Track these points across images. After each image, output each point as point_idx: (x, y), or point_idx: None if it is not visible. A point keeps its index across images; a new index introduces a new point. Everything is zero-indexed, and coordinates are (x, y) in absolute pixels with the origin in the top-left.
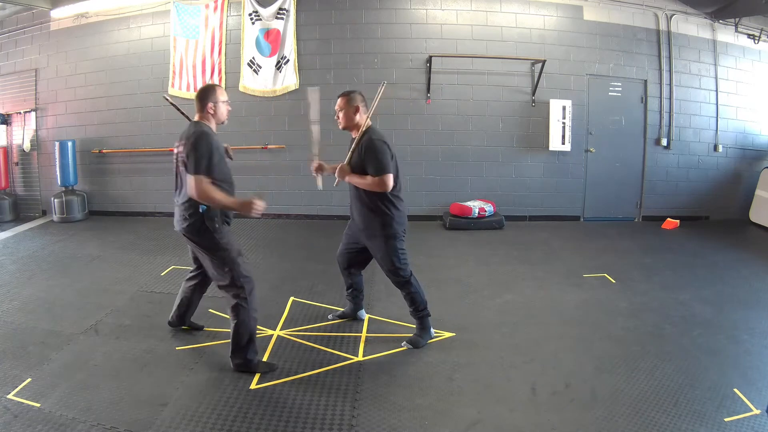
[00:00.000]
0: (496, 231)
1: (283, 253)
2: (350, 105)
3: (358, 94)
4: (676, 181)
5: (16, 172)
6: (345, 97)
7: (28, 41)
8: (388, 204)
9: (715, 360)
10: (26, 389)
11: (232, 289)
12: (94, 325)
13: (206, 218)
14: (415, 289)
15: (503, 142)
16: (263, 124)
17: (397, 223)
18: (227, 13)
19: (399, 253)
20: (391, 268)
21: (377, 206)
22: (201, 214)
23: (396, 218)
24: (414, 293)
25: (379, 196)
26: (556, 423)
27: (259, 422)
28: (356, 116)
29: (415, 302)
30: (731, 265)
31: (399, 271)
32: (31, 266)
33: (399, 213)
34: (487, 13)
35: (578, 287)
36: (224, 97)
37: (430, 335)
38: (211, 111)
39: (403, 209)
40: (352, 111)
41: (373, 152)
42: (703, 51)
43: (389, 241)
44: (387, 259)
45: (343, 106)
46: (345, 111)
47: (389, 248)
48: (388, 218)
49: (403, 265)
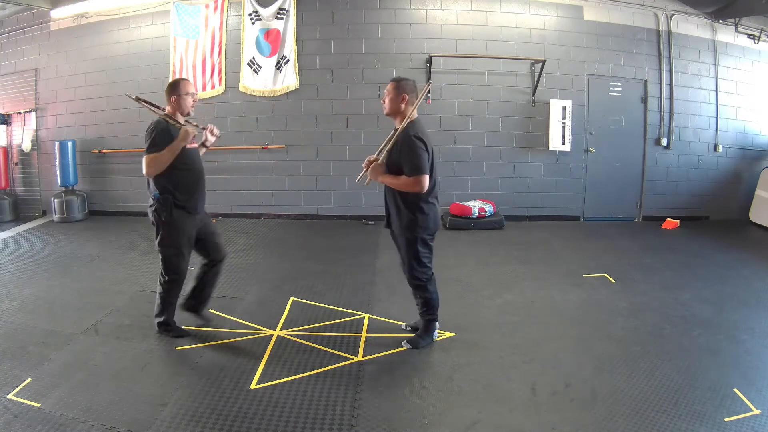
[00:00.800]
0: (496, 231)
1: (283, 253)
2: (398, 92)
3: (410, 83)
4: (676, 181)
5: (16, 172)
6: (394, 82)
7: (28, 41)
8: (415, 205)
9: (715, 360)
10: (26, 389)
11: (163, 270)
12: (94, 325)
13: (159, 204)
14: (430, 294)
15: (503, 142)
16: (263, 124)
17: (421, 227)
18: (227, 13)
19: (420, 255)
20: (410, 270)
21: (405, 206)
22: (156, 201)
23: (420, 222)
24: (428, 298)
25: (409, 196)
26: (556, 423)
27: (259, 422)
28: (402, 105)
29: (426, 305)
30: (731, 265)
31: (416, 273)
32: (31, 266)
33: (425, 217)
34: (487, 13)
35: (578, 287)
36: (188, 89)
37: (431, 339)
38: (174, 104)
39: (431, 212)
40: (399, 98)
41: (409, 150)
42: (703, 51)
43: (411, 244)
44: (407, 260)
45: (390, 92)
46: (392, 97)
47: (410, 250)
48: (412, 220)
49: (422, 269)
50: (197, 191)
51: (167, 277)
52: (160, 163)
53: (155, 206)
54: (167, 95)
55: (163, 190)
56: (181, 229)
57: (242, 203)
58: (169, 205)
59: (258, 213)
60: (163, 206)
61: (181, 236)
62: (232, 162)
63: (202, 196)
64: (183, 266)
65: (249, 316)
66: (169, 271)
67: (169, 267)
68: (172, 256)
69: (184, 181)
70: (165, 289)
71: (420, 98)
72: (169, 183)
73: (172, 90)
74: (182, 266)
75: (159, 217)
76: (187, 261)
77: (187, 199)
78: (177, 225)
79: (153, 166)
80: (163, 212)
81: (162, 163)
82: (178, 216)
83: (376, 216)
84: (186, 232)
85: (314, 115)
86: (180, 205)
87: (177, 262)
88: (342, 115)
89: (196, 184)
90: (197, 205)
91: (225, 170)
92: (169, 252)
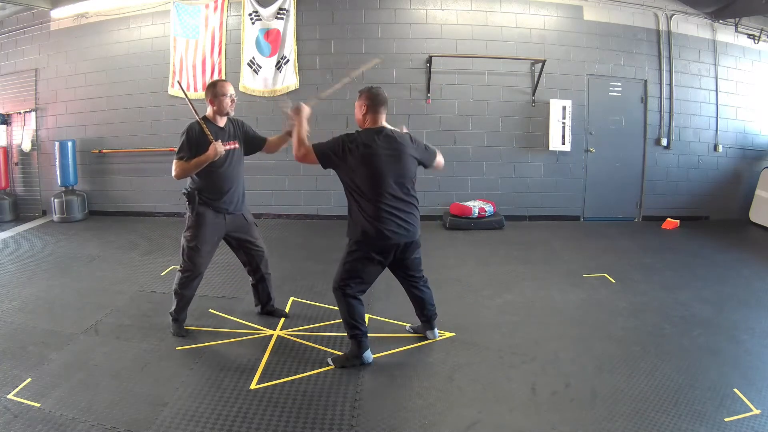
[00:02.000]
0: (496, 231)
1: (283, 253)
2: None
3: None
4: (676, 181)
5: (16, 172)
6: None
7: (28, 41)
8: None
9: (715, 360)
10: (26, 389)
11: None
12: (94, 325)
13: (187, 199)
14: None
15: (503, 142)
16: (263, 124)
17: (350, 235)
18: (227, 13)
19: (343, 262)
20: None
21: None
22: (185, 195)
23: (350, 229)
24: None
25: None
26: (556, 423)
27: (259, 422)
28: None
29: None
30: (731, 265)
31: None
32: (31, 266)
33: (355, 226)
34: (487, 13)
35: (578, 287)
36: (225, 90)
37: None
38: (212, 104)
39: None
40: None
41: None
42: (703, 51)
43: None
44: None
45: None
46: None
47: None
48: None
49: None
50: (227, 192)
51: (181, 266)
52: (187, 172)
53: (186, 199)
54: (206, 97)
55: (192, 184)
56: (204, 225)
57: None
58: (194, 199)
59: (258, 213)
60: (189, 200)
61: (202, 233)
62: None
63: (234, 196)
64: (199, 262)
65: (249, 316)
66: (184, 261)
67: (184, 257)
68: (190, 249)
69: (212, 181)
70: (178, 277)
71: (363, 69)
72: (198, 180)
73: (211, 90)
74: (198, 262)
75: (187, 209)
76: (206, 259)
77: (214, 199)
78: (201, 221)
79: (180, 173)
80: (189, 206)
81: (188, 172)
82: (202, 212)
83: None
84: (209, 230)
85: (314, 115)
86: (206, 202)
87: (193, 257)
88: (342, 115)
89: (226, 184)
90: (226, 205)
91: None
92: (187, 243)
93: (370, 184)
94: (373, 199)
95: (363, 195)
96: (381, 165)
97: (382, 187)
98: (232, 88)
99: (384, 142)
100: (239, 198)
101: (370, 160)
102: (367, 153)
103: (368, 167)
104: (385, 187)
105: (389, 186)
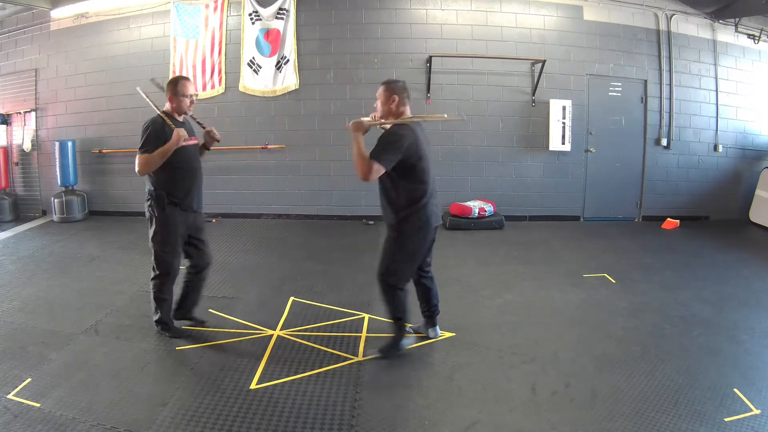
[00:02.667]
0: (496, 231)
1: (283, 253)
2: (387, 94)
3: (399, 84)
4: (676, 181)
5: (16, 172)
6: (384, 85)
7: (28, 41)
8: (401, 206)
9: (715, 360)
10: (26, 389)
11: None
12: (94, 325)
13: (152, 200)
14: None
15: (503, 142)
16: (263, 124)
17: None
18: (227, 13)
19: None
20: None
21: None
22: (150, 197)
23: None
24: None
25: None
26: (556, 423)
27: (259, 422)
28: (392, 106)
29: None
30: (731, 265)
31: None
32: (31, 266)
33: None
34: (487, 13)
35: (578, 287)
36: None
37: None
38: (171, 103)
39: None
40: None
41: (384, 137)
42: (703, 51)
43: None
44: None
45: (380, 95)
46: (382, 100)
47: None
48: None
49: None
50: (192, 189)
51: (157, 271)
52: (151, 164)
53: (150, 201)
54: (166, 92)
55: (157, 185)
56: (173, 225)
57: (242, 203)
58: (162, 201)
59: (258, 213)
60: (156, 202)
61: (173, 232)
62: (232, 162)
63: (197, 194)
64: (174, 263)
65: (249, 316)
66: (159, 266)
67: (160, 262)
68: (163, 251)
69: (178, 179)
70: (155, 284)
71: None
72: (163, 179)
73: (171, 89)
74: (173, 262)
75: (153, 212)
76: (179, 258)
77: (182, 197)
78: (169, 221)
79: (144, 166)
80: (156, 208)
81: (153, 164)
82: (170, 212)
83: (376, 216)
84: (178, 229)
85: (314, 115)
86: (174, 201)
87: (167, 258)
88: (342, 115)
89: (191, 182)
90: (191, 202)
91: (225, 170)
92: (161, 247)
93: (422, 170)
94: (423, 185)
95: (417, 182)
96: (427, 151)
97: (429, 172)
98: (192, 88)
99: (420, 130)
100: (200, 195)
101: (420, 148)
102: (419, 142)
103: (421, 155)
104: (431, 172)
105: (431, 171)
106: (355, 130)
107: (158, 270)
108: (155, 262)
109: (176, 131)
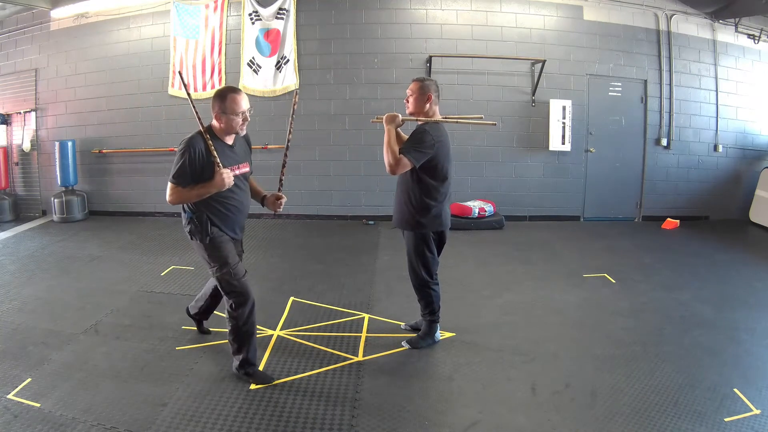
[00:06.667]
0: (496, 231)
1: (283, 253)
2: (422, 91)
3: (434, 83)
4: (676, 181)
5: (16, 172)
6: (418, 82)
7: (28, 41)
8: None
9: (715, 360)
10: (26, 389)
11: (225, 296)
12: (94, 325)
13: (193, 225)
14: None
15: (503, 142)
16: (263, 124)
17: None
18: (227, 13)
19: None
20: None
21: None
22: (189, 221)
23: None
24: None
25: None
26: (556, 423)
27: (258, 422)
28: (427, 105)
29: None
30: (731, 265)
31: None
32: (31, 266)
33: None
34: (487, 13)
35: (578, 287)
36: (236, 108)
37: (432, 341)
38: (218, 120)
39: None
40: (424, 98)
41: (415, 134)
42: (703, 51)
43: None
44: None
45: (414, 91)
46: (416, 96)
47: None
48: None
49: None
50: (236, 220)
51: (231, 300)
52: (185, 200)
53: (190, 227)
54: (212, 106)
55: (197, 209)
56: (224, 243)
57: None
58: (206, 225)
59: (258, 213)
60: (197, 226)
61: (227, 251)
62: None
63: (243, 223)
64: (244, 283)
65: None
66: (231, 293)
67: (229, 289)
68: (228, 275)
69: (222, 212)
70: (234, 317)
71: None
72: (201, 205)
73: (218, 103)
74: (242, 283)
75: (196, 238)
76: (246, 275)
77: (225, 228)
78: (219, 241)
79: (176, 199)
80: (200, 233)
81: (186, 201)
82: (217, 234)
83: (376, 216)
84: (230, 245)
85: (314, 115)
86: (217, 225)
87: (233, 281)
88: (342, 115)
89: (233, 213)
90: (235, 234)
91: None
92: (222, 273)
93: (446, 172)
94: (444, 187)
95: (439, 183)
96: (450, 153)
97: (450, 174)
98: (246, 102)
99: (445, 131)
100: (243, 222)
101: (448, 150)
102: (447, 144)
103: (445, 156)
104: (451, 175)
105: (452, 175)
106: (388, 123)
107: (231, 298)
108: (224, 291)
109: (219, 174)
